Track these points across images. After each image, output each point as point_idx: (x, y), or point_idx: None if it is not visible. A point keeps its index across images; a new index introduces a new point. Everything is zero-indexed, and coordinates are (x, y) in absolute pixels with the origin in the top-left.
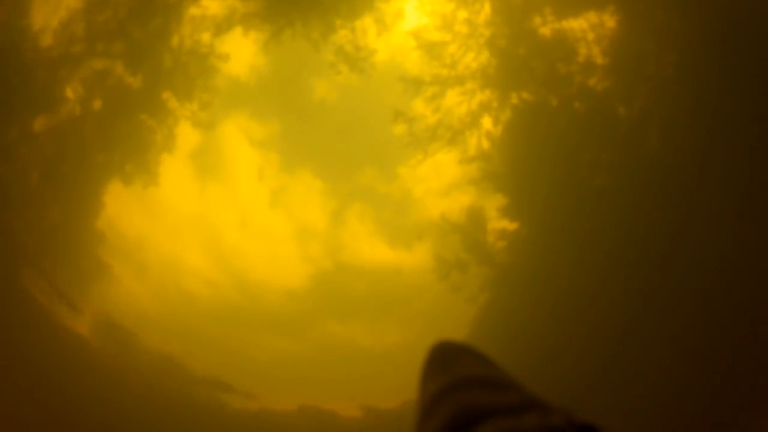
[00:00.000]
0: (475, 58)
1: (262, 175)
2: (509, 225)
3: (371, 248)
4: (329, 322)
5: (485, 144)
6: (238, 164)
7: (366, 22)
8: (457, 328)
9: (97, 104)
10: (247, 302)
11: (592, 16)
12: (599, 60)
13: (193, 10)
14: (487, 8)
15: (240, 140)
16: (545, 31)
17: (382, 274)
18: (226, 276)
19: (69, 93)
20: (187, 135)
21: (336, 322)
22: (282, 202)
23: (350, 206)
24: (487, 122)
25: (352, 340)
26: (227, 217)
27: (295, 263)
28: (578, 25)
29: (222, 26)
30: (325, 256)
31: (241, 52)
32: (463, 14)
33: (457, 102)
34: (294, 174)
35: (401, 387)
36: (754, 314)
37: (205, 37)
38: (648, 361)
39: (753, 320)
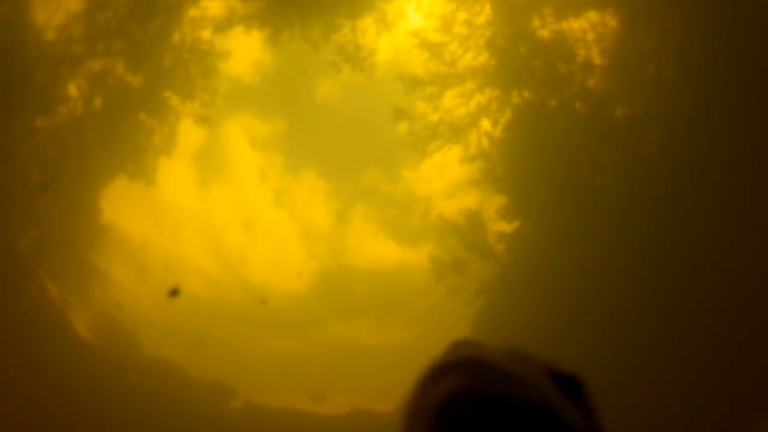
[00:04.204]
0: (474, 58)
1: (265, 175)
2: (509, 225)
3: (375, 248)
4: (332, 322)
5: (485, 143)
6: (241, 164)
7: (366, 22)
8: (459, 328)
9: (98, 104)
10: (250, 302)
11: (593, 16)
12: (599, 60)
13: (193, 11)
14: (487, 9)
15: (243, 140)
16: (545, 31)
17: (385, 274)
18: (229, 276)
19: (69, 92)
20: (189, 135)
21: (339, 322)
22: (285, 203)
23: (354, 207)
24: (486, 123)
25: (355, 340)
26: (230, 217)
27: (299, 263)
28: (578, 25)
29: (222, 26)
30: (329, 257)
31: (243, 51)
32: (463, 15)
33: (456, 103)
34: (297, 174)
35: (404, 386)
36: (755, 314)
37: (206, 34)
38: (648, 361)
39: (754, 320)
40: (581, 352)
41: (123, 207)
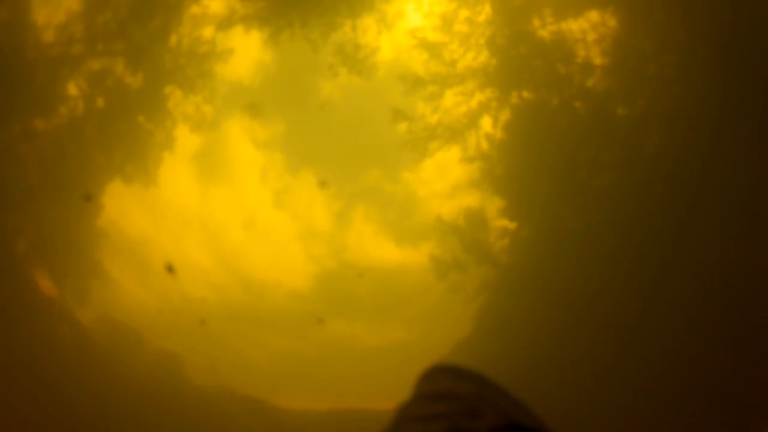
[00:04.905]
0: (475, 58)
1: (265, 175)
2: (510, 224)
3: (375, 248)
4: (333, 322)
5: (484, 144)
6: (241, 164)
7: (366, 22)
8: (459, 327)
9: (98, 104)
10: (251, 302)
11: (593, 16)
12: (599, 60)
13: (194, 9)
14: (487, 8)
15: (243, 140)
16: (545, 31)
17: (386, 274)
18: (230, 276)
19: (69, 92)
20: (189, 135)
21: (340, 322)
22: (286, 203)
23: (354, 207)
24: (486, 122)
25: (356, 340)
26: (231, 217)
27: (299, 263)
28: (578, 25)
29: (222, 24)
30: (330, 256)
31: (244, 51)
32: (463, 14)
33: (456, 102)
34: (298, 175)
35: (404, 386)
36: (755, 315)
37: (207, 32)
38: (648, 362)
39: (754, 321)
40: (581, 352)
41: (123, 207)
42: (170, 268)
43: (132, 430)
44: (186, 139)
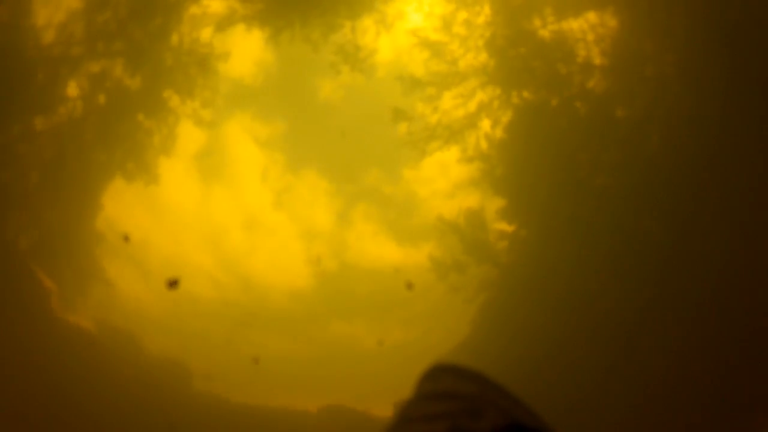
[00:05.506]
0: (474, 58)
1: (266, 175)
2: (510, 225)
3: (376, 248)
4: (333, 322)
5: (484, 144)
6: (242, 164)
7: (366, 23)
8: (459, 328)
9: (98, 104)
10: (252, 302)
11: (593, 16)
12: (599, 60)
13: (194, 9)
14: (487, 9)
15: (244, 140)
16: (545, 31)
17: (386, 274)
18: (231, 276)
19: (69, 92)
20: (190, 135)
21: (340, 322)
22: (287, 203)
23: (355, 207)
24: (487, 123)
25: (356, 340)
26: (232, 217)
27: (300, 263)
28: (578, 25)
29: (222, 24)
30: (330, 257)
31: (244, 52)
32: (462, 15)
33: (456, 104)
34: (298, 174)
35: (405, 385)
36: (756, 315)
37: (207, 33)
38: (648, 361)
39: (755, 321)
40: (581, 352)
41: (123, 207)
42: (174, 283)
43: (132, 429)
44: (188, 139)
